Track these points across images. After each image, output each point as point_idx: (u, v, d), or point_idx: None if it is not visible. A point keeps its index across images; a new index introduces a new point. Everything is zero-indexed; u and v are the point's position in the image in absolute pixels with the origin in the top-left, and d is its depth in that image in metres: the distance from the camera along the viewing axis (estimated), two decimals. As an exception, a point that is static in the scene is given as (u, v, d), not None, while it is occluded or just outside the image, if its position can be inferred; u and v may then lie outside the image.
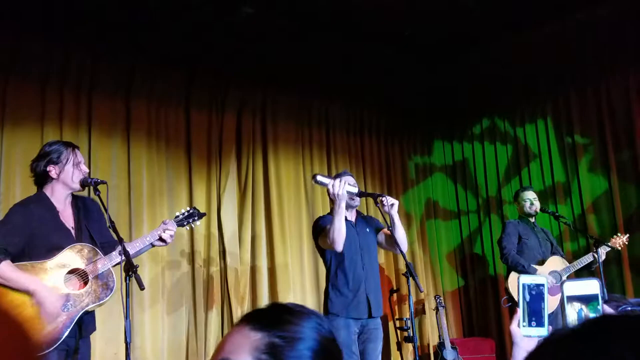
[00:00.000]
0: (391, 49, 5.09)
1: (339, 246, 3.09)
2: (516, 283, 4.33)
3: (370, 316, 3.22)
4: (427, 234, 6.03)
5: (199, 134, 4.61)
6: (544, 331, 1.36)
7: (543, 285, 1.37)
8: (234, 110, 4.82)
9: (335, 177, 3.36)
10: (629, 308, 1.55)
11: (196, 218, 2.95)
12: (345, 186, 3.04)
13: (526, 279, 1.38)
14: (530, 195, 4.39)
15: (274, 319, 0.87)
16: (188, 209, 2.96)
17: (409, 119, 6.03)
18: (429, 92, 5.79)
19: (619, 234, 4.34)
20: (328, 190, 3.11)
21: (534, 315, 1.35)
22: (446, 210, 6.12)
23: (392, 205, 3.11)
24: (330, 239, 3.07)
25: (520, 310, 1.36)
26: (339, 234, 3.06)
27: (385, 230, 3.40)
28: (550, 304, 3.80)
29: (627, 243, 4.32)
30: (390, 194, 5.67)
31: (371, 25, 4.63)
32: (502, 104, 5.60)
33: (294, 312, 0.88)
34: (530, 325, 1.35)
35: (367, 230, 3.41)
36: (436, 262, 6.01)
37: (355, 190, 3.16)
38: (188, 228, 3.02)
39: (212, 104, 4.71)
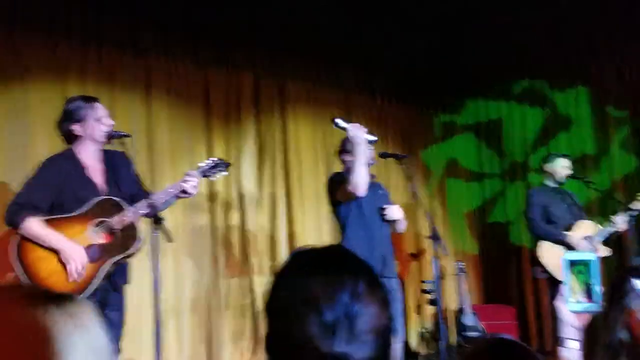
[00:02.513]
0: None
1: (362, 190, 3.00)
2: (550, 254, 4.18)
3: (383, 275, 3.18)
4: (447, 193, 5.93)
5: (217, 94, 4.55)
6: (595, 307, 1.30)
7: (591, 261, 1.32)
8: (251, 71, 4.75)
9: None
10: None
11: (223, 168, 2.82)
12: (363, 132, 3.04)
13: (571, 256, 1.34)
14: (567, 164, 4.25)
15: None
16: (214, 158, 2.84)
17: (437, 76, 5.82)
18: (458, 49, 5.56)
19: None
20: (348, 134, 3.09)
21: (584, 291, 1.31)
22: (468, 170, 5.97)
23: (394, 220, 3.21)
24: (352, 184, 2.98)
25: (566, 287, 1.31)
26: (361, 178, 2.98)
27: None
28: None
29: None
30: (411, 153, 5.59)
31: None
32: (538, 68, 5.33)
33: None
34: (579, 301, 1.31)
35: (380, 192, 3.39)
36: (456, 225, 5.93)
37: (374, 138, 3.13)
38: (214, 179, 2.91)
39: (229, 64, 4.62)
